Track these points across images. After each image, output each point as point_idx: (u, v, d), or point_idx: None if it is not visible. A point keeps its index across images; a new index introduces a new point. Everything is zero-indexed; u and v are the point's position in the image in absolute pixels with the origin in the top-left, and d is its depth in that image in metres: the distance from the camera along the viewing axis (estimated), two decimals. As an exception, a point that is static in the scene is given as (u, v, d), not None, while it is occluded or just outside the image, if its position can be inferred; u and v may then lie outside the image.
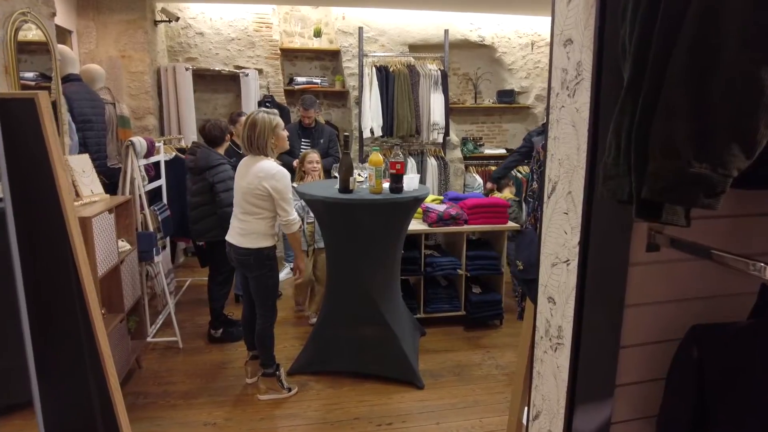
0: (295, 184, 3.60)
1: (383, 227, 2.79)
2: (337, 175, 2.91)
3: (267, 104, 5.24)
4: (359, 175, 2.98)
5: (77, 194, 2.63)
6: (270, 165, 2.52)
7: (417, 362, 3.05)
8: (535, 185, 2.05)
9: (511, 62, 5.91)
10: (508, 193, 4.42)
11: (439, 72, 5.15)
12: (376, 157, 2.70)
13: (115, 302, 2.70)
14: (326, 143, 4.63)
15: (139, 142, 3.21)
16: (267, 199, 2.53)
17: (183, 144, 4.41)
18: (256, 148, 2.54)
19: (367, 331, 2.98)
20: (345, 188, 2.72)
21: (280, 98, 5.53)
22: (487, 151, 6.10)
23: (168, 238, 3.83)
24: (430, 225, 3.52)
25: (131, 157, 3.13)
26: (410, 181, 2.86)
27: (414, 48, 5.64)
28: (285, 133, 2.63)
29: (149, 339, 3.31)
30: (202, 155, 3.24)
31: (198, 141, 4.04)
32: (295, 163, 4.28)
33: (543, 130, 4.38)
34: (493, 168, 5.85)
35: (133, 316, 2.96)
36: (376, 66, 5.09)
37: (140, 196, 3.22)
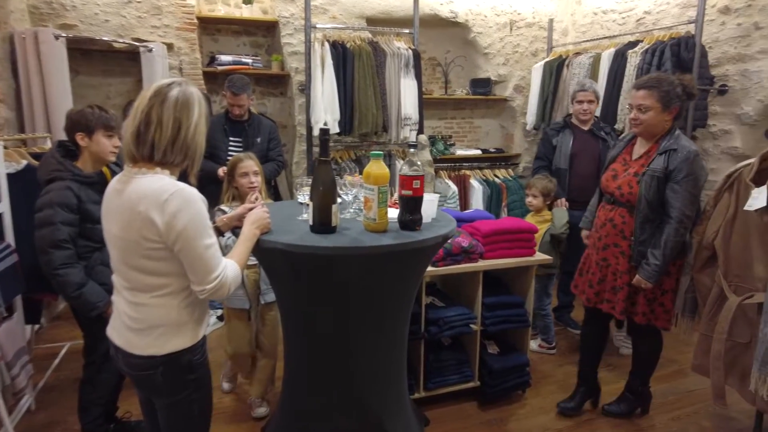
0: (225, 207, 2.33)
1: (388, 289, 1.62)
2: (301, 197, 1.70)
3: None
4: (339, 196, 1.78)
5: None
6: (161, 182, 1.27)
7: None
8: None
9: (487, 45, 4.92)
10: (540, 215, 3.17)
11: (409, 51, 4.03)
12: (379, 167, 1.53)
13: None
14: (265, 142, 3.36)
15: (-63, 143, 1.80)
16: (168, 255, 1.28)
17: (48, 146, 2.95)
18: (178, 152, 1.29)
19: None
20: (323, 224, 1.52)
21: (198, 83, 4.14)
22: (459, 152, 5.08)
23: (19, 299, 2.40)
24: (434, 264, 2.39)
25: None
26: (428, 208, 1.71)
27: (373, 21, 4.47)
28: None
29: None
30: (41, 163, 1.93)
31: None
32: (221, 172, 2.98)
33: (564, 126, 3.39)
34: (467, 172, 4.83)
35: None
36: (328, 41, 3.87)
37: (-58, 239, 1.81)
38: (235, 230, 1.59)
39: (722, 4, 3.69)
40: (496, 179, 4.88)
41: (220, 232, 1.66)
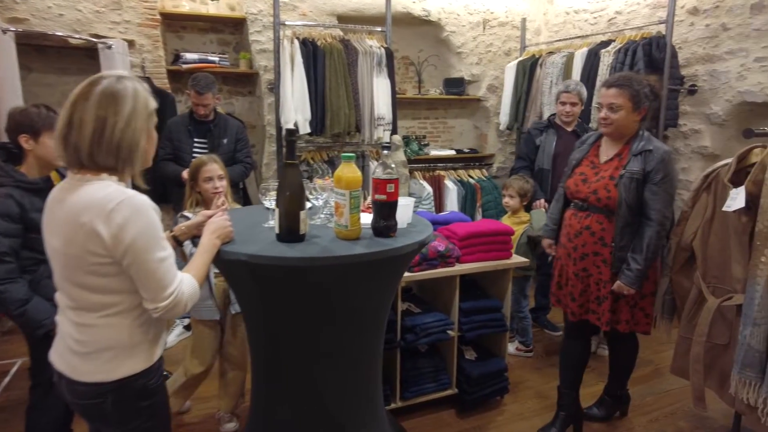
0: (188, 213, 2.19)
1: (361, 300, 1.53)
2: (267, 203, 1.59)
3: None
4: (308, 201, 1.67)
5: None
6: (107, 190, 1.14)
7: None
8: None
9: (460, 44, 4.86)
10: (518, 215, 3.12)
11: (382, 50, 3.94)
12: (350, 170, 1.43)
13: None
14: (232, 143, 3.21)
15: None
16: (116, 270, 1.16)
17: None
18: (106, 154, 1.15)
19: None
20: (290, 232, 1.42)
21: (162, 82, 3.97)
22: (433, 152, 5.02)
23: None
24: (410, 269, 2.31)
25: None
26: (403, 213, 1.62)
27: (344, 19, 4.37)
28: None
29: None
30: None
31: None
32: (185, 174, 2.83)
33: (547, 126, 3.34)
34: (441, 172, 4.77)
35: None
36: (298, 39, 3.75)
37: None
38: (195, 240, 1.47)
39: (691, 5, 3.72)
40: (471, 180, 4.83)
41: (178, 242, 1.54)
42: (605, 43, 3.86)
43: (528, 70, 4.42)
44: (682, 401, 2.67)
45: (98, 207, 1.11)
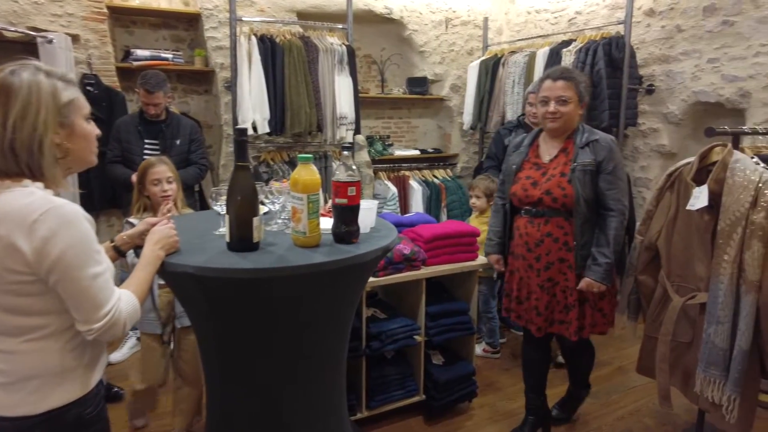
0: (134, 220, 2.04)
1: (321, 312, 1.43)
2: (219, 208, 1.47)
3: (88, 89, 3.48)
4: (263, 204, 1.56)
5: None
6: (29, 198, 1.00)
7: None
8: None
9: (423, 43, 4.81)
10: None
11: (343, 47, 3.84)
12: (308, 172, 1.33)
13: None
14: (186, 144, 3.05)
15: None
16: (42, 289, 1.03)
17: None
18: (2, 158, 1.01)
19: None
20: (242, 240, 1.31)
21: (111, 80, 3.74)
22: (398, 152, 4.95)
23: None
24: (375, 274, 2.22)
25: None
26: (365, 217, 1.53)
27: (304, 16, 4.24)
28: (91, 127, 1.14)
29: None
30: None
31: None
32: (134, 178, 2.66)
33: (517, 126, 3.32)
34: (406, 173, 4.72)
35: None
36: (256, 35, 3.61)
37: None
38: (138, 250, 1.34)
39: (647, 7, 3.79)
40: (435, 180, 4.80)
41: (121, 253, 1.40)
42: (566, 43, 3.88)
43: (490, 69, 4.41)
44: (646, 398, 2.69)
45: (18, 217, 0.98)
